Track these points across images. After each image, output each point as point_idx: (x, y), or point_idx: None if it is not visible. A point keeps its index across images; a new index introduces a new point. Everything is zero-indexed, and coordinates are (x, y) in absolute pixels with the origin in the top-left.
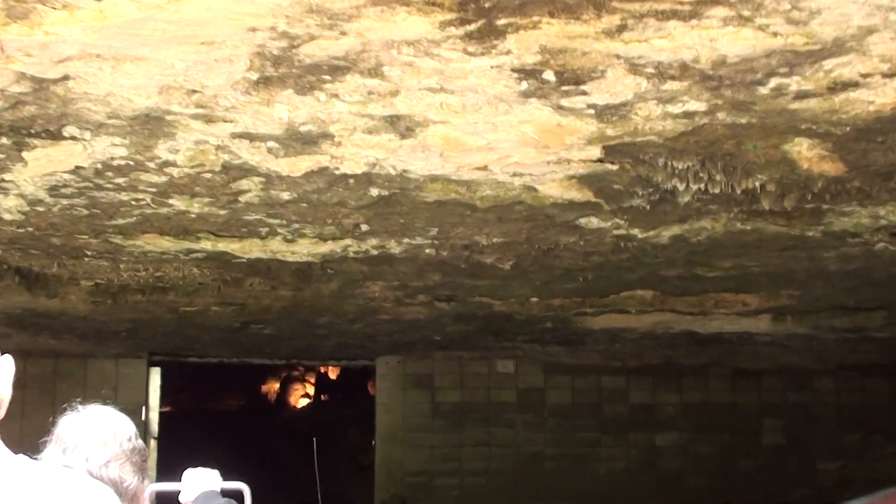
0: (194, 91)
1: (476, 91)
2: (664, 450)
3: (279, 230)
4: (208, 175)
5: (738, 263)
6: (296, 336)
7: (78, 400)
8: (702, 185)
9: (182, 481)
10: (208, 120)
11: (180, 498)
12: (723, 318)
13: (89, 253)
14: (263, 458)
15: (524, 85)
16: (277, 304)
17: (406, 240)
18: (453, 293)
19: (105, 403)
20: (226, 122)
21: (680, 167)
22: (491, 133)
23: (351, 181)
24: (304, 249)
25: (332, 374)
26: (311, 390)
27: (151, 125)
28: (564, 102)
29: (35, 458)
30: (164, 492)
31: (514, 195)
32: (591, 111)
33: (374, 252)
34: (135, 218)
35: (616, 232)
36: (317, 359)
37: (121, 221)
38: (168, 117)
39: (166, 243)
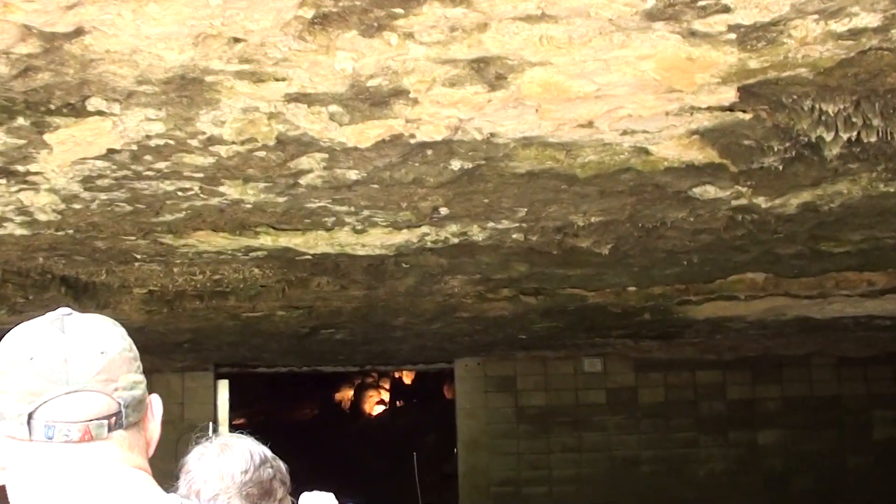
0: (237, 39)
1: (586, 15)
2: (767, 448)
3: (347, 219)
4: (262, 153)
5: (869, 235)
6: (369, 340)
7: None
8: (853, 134)
9: None
10: (256, 79)
11: None
12: (844, 300)
13: (139, 256)
14: (343, 470)
15: (650, 2)
16: (348, 305)
17: (491, 224)
18: (541, 285)
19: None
20: (277, 80)
21: (830, 111)
22: (602, 74)
23: (429, 152)
24: (376, 241)
25: (407, 378)
26: (386, 397)
27: (190, 90)
28: (699, 26)
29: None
30: None
31: (621, 160)
32: (733, 35)
33: (455, 240)
34: (184, 212)
35: (735, 202)
36: (392, 363)
37: (169, 217)
38: (208, 78)
39: (222, 241)
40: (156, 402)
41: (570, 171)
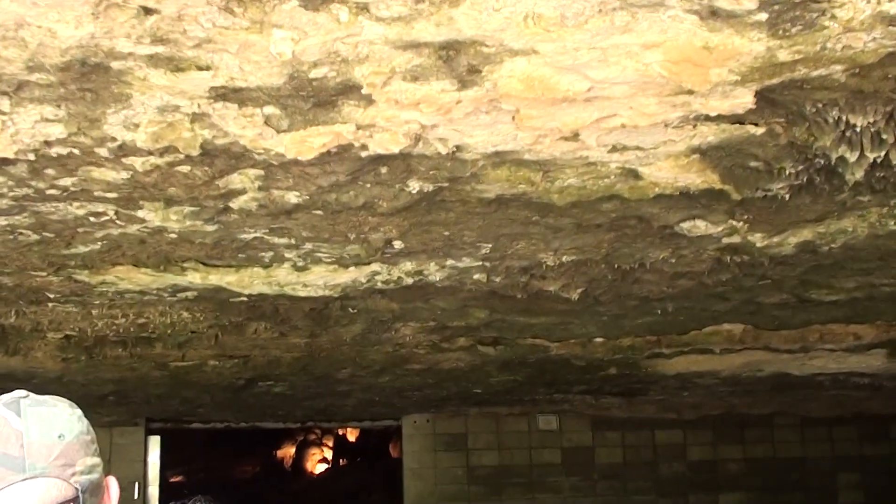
0: (147, 10)
1: None
2: None
3: (287, 254)
4: (185, 167)
5: (865, 282)
6: (311, 395)
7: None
8: (880, 154)
9: None
10: (174, 66)
11: None
12: (826, 355)
13: (52, 295)
14: None
15: None
16: (288, 355)
17: (450, 262)
18: (501, 335)
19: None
20: (200, 68)
21: (858, 124)
22: (597, 68)
23: (383, 170)
24: (320, 280)
25: (352, 436)
26: (329, 454)
27: (94, 81)
28: (724, 2)
29: None
30: None
31: (605, 185)
32: (763, 15)
33: (409, 280)
34: (99, 243)
35: (727, 240)
36: (336, 420)
37: (83, 249)
38: (114, 64)
39: (144, 278)
40: (112, 485)
41: (545, 198)
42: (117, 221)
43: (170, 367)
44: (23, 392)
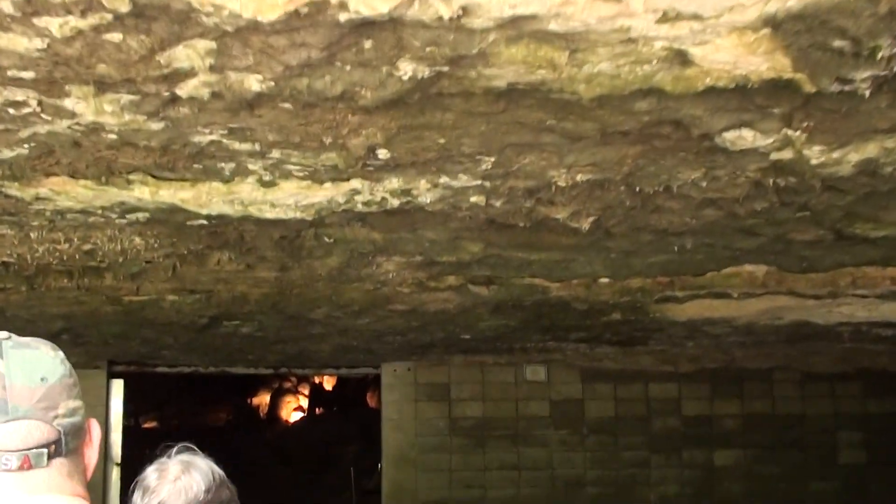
0: None
1: None
2: (724, 470)
3: (251, 164)
4: (115, 34)
5: None
6: (284, 338)
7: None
8: None
9: None
10: None
11: None
12: (856, 302)
13: None
14: (252, 480)
15: None
16: (256, 290)
17: (444, 179)
18: (495, 273)
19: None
20: None
21: None
22: None
23: (367, 45)
24: (290, 198)
25: (328, 384)
26: (305, 403)
27: None
28: None
29: None
30: None
31: (644, 74)
32: None
33: (394, 202)
34: (26, 146)
35: (776, 155)
36: (311, 367)
37: (7, 153)
38: None
39: (85, 192)
40: (94, 428)
41: (567, 91)
42: (42, 115)
43: (123, 301)
44: (4, 333)
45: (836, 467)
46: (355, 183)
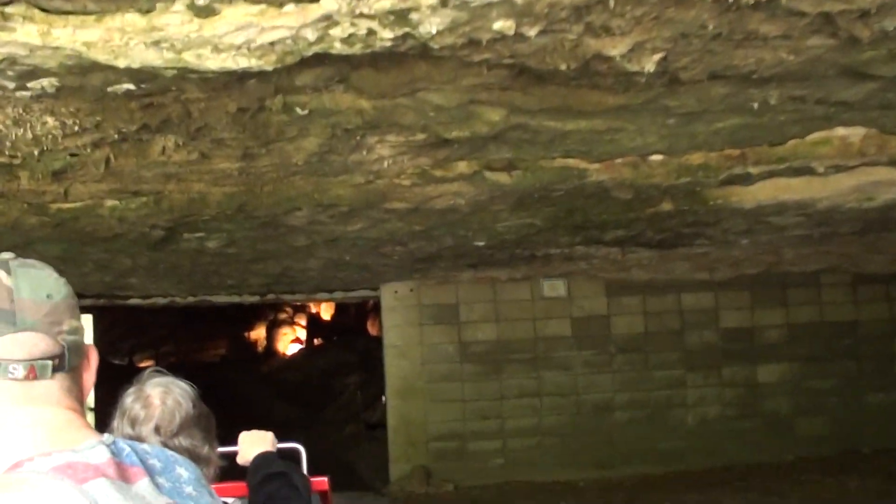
0: None
1: None
2: (769, 387)
3: None
4: None
5: None
6: (262, 255)
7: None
8: None
9: (238, 443)
10: None
11: (238, 460)
12: None
13: None
14: (250, 419)
15: None
16: (217, 190)
17: None
18: (520, 154)
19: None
20: None
21: None
22: None
23: None
24: (239, 35)
25: (326, 314)
26: (303, 335)
27: None
28: None
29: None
30: (221, 454)
31: None
32: None
33: (385, 36)
34: None
35: None
36: (301, 292)
37: None
38: None
39: None
40: (94, 353)
41: None
42: None
43: (50, 210)
44: (10, 254)
45: (893, 376)
46: (328, 2)
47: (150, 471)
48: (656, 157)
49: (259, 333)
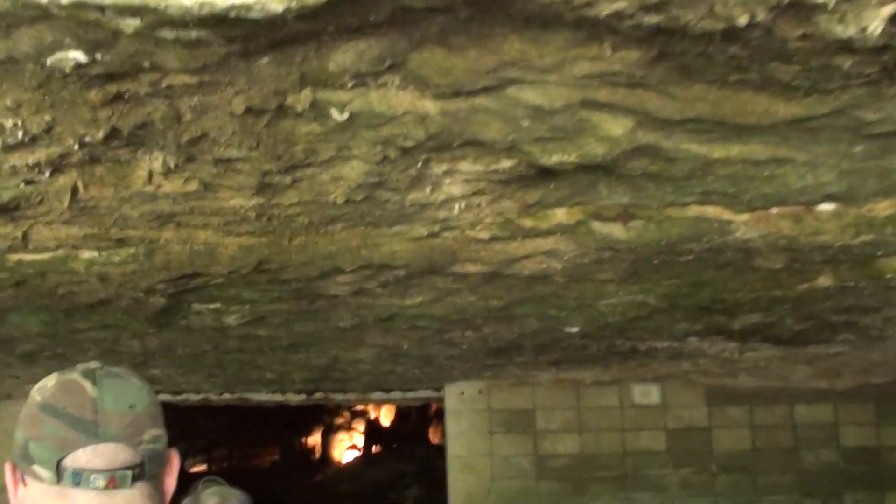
0: None
1: None
2: None
3: None
4: None
5: None
6: (300, 338)
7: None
8: None
9: None
10: None
11: None
12: None
13: None
14: None
15: None
16: (229, 240)
17: None
18: (641, 197)
19: None
20: None
21: None
22: None
23: None
24: None
25: (385, 419)
26: (359, 441)
27: None
28: None
29: None
30: None
31: None
32: None
33: None
34: None
35: None
36: (352, 391)
37: None
38: None
39: None
40: (176, 458)
41: None
42: None
43: (7, 262)
44: (97, 363)
45: None
46: None
47: None
48: (827, 207)
49: (315, 439)
